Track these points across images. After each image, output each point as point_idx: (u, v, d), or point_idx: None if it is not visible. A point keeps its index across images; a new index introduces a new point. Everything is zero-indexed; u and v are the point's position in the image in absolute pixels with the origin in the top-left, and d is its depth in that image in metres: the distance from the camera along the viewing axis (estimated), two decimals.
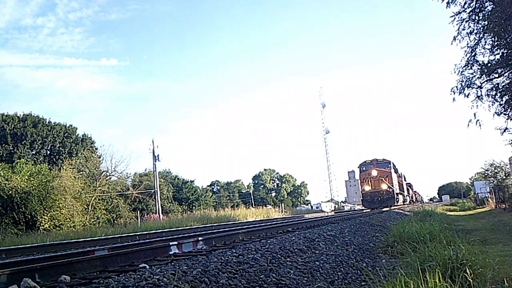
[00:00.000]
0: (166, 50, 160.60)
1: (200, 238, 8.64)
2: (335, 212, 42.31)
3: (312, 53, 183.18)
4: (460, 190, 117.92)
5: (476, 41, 14.04)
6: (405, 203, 42.60)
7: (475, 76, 14.32)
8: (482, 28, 13.62)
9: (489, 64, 13.99)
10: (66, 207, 28.27)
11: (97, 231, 20.33)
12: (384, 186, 31.88)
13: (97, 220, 32.14)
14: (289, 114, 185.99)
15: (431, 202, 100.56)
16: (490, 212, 27.06)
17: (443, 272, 4.57)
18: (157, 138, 78.94)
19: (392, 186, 32.17)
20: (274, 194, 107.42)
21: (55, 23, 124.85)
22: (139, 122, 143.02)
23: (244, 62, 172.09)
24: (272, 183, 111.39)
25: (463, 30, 13.93)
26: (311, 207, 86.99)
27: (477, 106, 14.29)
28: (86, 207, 31.87)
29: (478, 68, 14.23)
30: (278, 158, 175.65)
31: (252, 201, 78.87)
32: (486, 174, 38.67)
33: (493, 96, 14.27)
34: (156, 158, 36.22)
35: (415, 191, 72.61)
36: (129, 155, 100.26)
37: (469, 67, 14.35)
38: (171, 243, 7.63)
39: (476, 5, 13.53)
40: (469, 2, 13.61)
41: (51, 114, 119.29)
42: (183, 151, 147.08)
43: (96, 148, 46.27)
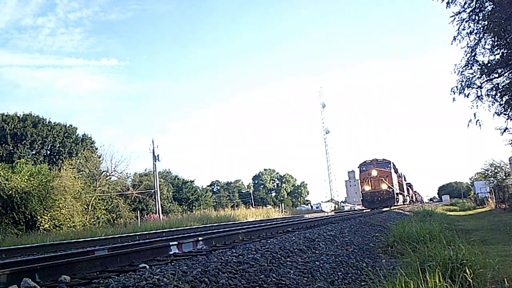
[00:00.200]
0: (166, 50, 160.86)
1: (200, 238, 8.64)
2: (335, 212, 42.31)
3: (312, 53, 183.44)
4: (460, 190, 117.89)
5: (476, 41, 14.04)
6: (405, 203, 42.59)
7: (475, 76, 14.32)
8: (482, 28, 13.61)
9: (489, 64, 13.98)
10: (66, 207, 28.26)
11: (97, 231, 20.34)
12: (384, 186, 31.88)
13: (97, 220, 32.13)
14: (289, 114, 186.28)
15: (431, 202, 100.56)
16: (490, 212, 27.06)
17: (443, 272, 4.57)
18: (157, 138, 79.17)
19: (392, 186, 32.17)
20: (274, 194, 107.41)
21: (55, 23, 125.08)
22: (139, 122, 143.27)
23: (244, 62, 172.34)
24: (272, 183, 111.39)
25: (463, 30, 13.93)
26: (311, 207, 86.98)
27: (477, 106, 14.29)
28: (86, 207, 31.86)
29: (478, 68, 14.22)
30: (278, 158, 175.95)
31: (252, 201, 78.83)
32: (486, 174, 38.69)
33: (493, 96, 14.27)
34: (156, 158, 36.23)
35: (415, 191, 72.61)
36: (129, 155, 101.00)
37: (469, 67, 14.35)
38: (171, 243, 7.63)
39: (476, 5, 13.52)
40: (469, 2, 13.61)
41: (51, 114, 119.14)
42: (183, 151, 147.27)
43: (96, 148, 46.35)
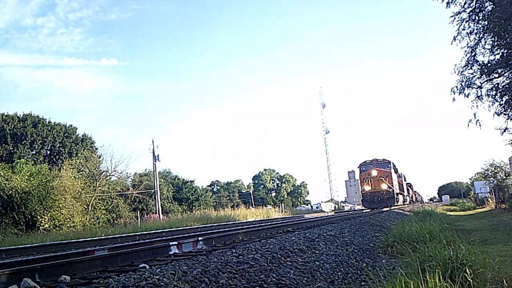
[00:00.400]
0: (166, 50, 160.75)
1: (200, 238, 8.63)
2: (335, 212, 42.32)
3: (312, 53, 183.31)
4: (460, 190, 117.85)
5: (476, 41, 14.04)
6: (405, 203, 42.59)
7: (475, 76, 14.32)
8: (482, 28, 13.62)
9: (489, 64, 13.98)
10: (66, 207, 28.27)
11: (97, 231, 20.34)
12: (384, 186, 31.88)
13: (97, 220, 32.13)
14: (289, 114, 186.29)
15: (431, 202, 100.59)
16: (490, 212, 27.05)
17: (443, 272, 4.57)
18: (157, 138, 79.12)
19: (392, 186, 32.17)
20: (274, 194, 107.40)
21: (55, 23, 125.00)
22: (139, 122, 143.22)
23: (244, 62, 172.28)
24: (272, 183, 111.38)
25: (463, 30, 13.94)
26: (311, 207, 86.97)
27: (477, 106, 14.30)
28: (86, 207, 31.86)
29: (478, 68, 14.22)
30: (278, 158, 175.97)
31: (252, 201, 78.80)
32: (486, 174, 38.69)
33: (493, 96, 14.27)
34: (156, 158, 36.23)
35: (415, 191, 72.60)
36: (129, 155, 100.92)
37: (469, 67, 14.35)
38: (171, 243, 7.63)
39: (476, 5, 13.53)
40: (469, 2, 13.62)
41: (51, 114, 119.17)
42: (183, 151, 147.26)
43: (96, 148, 46.35)
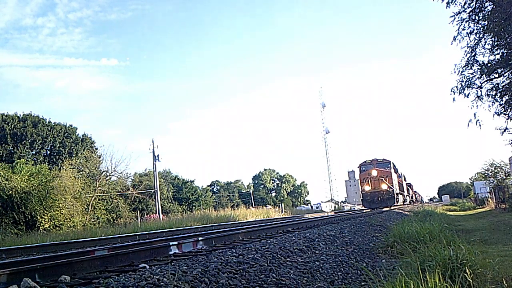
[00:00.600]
0: (166, 50, 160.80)
1: (200, 238, 8.63)
2: (335, 212, 42.30)
3: (312, 52, 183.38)
4: (460, 190, 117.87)
5: (476, 41, 14.04)
6: (405, 203, 42.59)
7: (475, 76, 14.31)
8: (482, 28, 13.61)
9: (489, 64, 13.98)
10: (66, 207, 28.26)
11: (97, 231, 20.33)
12: (384, 186, 31.88)
13: (97, 220, 32.13)
14: (289, 114, 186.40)
15: (431, 202, 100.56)
16: (490, 212, 27.04)
17: (443, 272, 4.57)
18: (157, 138, 79.14)
19: (392, 186, 32.17)
20: (274, 194, 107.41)
21: (55, 23, 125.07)
22: (139, 122, 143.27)
23: (244, 62, 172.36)
24: (272, 183, 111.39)
25: (463, 30, 13.93)
26: (311, 207, 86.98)
27: (477, 106, 14.29)
28: (86, 207, 31.86)
29: (478, 68, 14.21)
30: (278, 158, 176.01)
31: (252, 201, 78.82)
32: (486, 174, 38.66)
33: (493, 96, 14.26)
34: (156, 158, 36.22)
35: (415, 191, 72.61)
36: (129, 155, 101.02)
37: (469, 67, 14.34)
38: (171, 243, 7.63)
39: (476, 5, 13.52)
40: (469, 2, 13.61)
41: (51, 114, 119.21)
42: (183, 151, 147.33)
43: (96, 148, 46.35)
